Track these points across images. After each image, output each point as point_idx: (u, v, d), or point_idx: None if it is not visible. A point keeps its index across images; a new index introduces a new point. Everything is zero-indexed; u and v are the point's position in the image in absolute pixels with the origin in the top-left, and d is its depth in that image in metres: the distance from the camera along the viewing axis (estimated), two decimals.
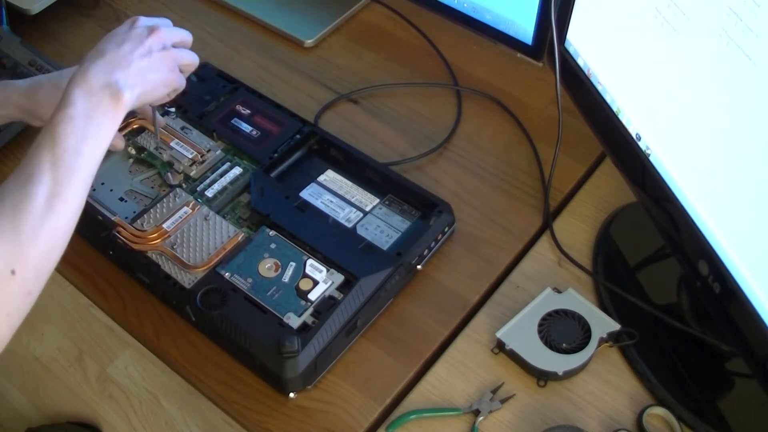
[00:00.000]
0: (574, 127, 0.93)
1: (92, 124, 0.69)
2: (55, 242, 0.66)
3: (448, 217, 0.86)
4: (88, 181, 0.69)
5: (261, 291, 0.79)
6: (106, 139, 0.71)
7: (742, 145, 0.62)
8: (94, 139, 0.69)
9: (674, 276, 0.83)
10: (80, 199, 0.68)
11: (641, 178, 0.78)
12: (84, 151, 0.68)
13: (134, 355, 1.31)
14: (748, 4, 0.58)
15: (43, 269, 0.65)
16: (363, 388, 0.77)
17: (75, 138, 0.67)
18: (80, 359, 1.35)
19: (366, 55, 1.10)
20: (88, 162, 0.69)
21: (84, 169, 0.68)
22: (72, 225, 0.68)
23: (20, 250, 0.63)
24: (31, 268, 0.64)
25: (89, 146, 0.68)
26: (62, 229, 0.66)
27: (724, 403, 0.76)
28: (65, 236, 0.67)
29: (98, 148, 0.70)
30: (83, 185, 0.68)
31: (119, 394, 1.31)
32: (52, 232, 0.65)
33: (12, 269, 0.62)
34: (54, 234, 0.65)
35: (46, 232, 0.64)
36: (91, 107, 0.69)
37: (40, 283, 0.65)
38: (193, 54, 0.83)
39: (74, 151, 0.67)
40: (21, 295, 0.63)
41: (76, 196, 0.67)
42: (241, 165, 0.91)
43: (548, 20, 0.88)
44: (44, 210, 0.64)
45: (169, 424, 1.26)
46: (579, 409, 0.75)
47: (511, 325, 0.79)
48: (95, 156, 0.69)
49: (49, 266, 0.66)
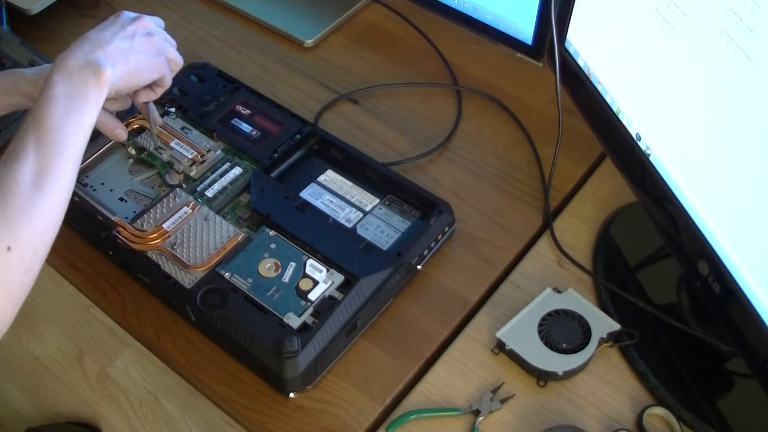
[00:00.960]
0: (574, 127, 0.93)
1: (74, 102, 0.69)
2: (48, 219, 0.66)
3: (448, 217, 0.86)
4: (76, 158, 0.69)
5: (261, 291, 0.79)
6: (90, 115, 0.70)
7: (742, 144, 0.62)
8: (77, 116, 0.69)
9: (674, 276, 0.83)
10: (69, 177, 0.68)
11: (641, 178, 0.78)
12: (68, 128, 0.68)
13: (134, 355, 1.31)
14: (748, 4, 0.58)
15: (40, 247, 0.65)
16: (363, 388, 0.77)
17: (58, 117, 0.68)
18: (80, 359, 1.35)
19: (366, 55, 1.10)
20: (74, 139, 0.68)
21: (70, 147, 0.68)
22: (63, 203, 0.67)
23: (13, 228, 0.63)
24: (27, 245, 0.64)
25: (73, 124, 0.68)
26: (54, 206, 0.66)
27: (724, 403, 0.76)
28: (58, 214, 0.67)
29: (83, 125, 0.69)
30: (71, 162, 0.68)
31: (119, 394, 1.31)
32: (43, 209, 0.65)
33: (8, 246, 0.62)
34: (46, 211, 0.65)
35: (38, 209, 0.64)
36: (71, 87, 0.69)
37: (38, 260, 0.65)
38: (179, 55, 0.82)
39: (58, 129, 0.67)
40: (20, 272, 0.63)
41: (64, 173, 0.67)
42: (241, 165, 0.91)
43: (548, 20, 0.87)
44: (32, 188, 0.64)
45: (169, 424, 1.26)
46: (579, 409, 0.75)
47: (511, 325, 0.79)
48: (80, 134, 0.69)
49: (45, 244, 0.66)
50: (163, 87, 0.82)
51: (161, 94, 0.83)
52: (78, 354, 1.35)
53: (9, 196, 0.63)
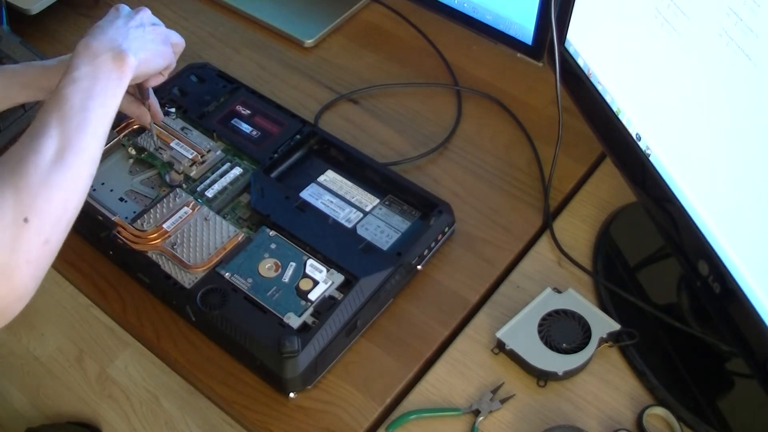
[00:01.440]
0: (574, 127, 0.93)
1: (98, 84, 0.69)
2: (70, 193, 0.65)
3: (448, 217, 0.86)
4: (100, 137, 0.69)
5: (261, 291, 0.79)
6: (113, 98, 0.71)
7: (742, 144, 0.62)
8: (101, 98, 0.69)
9: (674, 276, 0.83)
10: (93, 154, 0.68)
11: (641, 178, 0.78)
12: (91, 107, 0.68)
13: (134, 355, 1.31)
14: (748, 4, 0.58)
15: (60, 221, 0.65)
16: (363, 388, 0.77)
17: (81, 96, 0.68)
18: (80, 359, 1.35)
19: (366, 55, 1.10)
20: (98, 118, 0.68)
21: (93, 124, 0.68)
22: (87, 178, 0.67)
23: (30, 198, 0.63)
24: (45, 216, 0.63)
25: (97, 103, 0.68)
26: (76, 180, 0.66)
27: (724, 403, 0.76)
28: (81, 186, 0.67)
29: (107, 106, 0.70)
30: (95, 140, 0.68)
31: (119, 394, 1.31)
32: (64, 182, 0.65)
33: (24, 217, 0.62)
34: (67, 184, 0.65)
35: (58, 181, 0.64)
36: (95, 69, 0.70)
37: (58, 232, 0.65)
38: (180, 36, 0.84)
39: (81, 107, 0.67)
40: (38, 242, 0.63)
41: (87, 149, 0.67)
42: (241, 165, 0.91)
43: (548, 20, 0.88)
44: (53, 161, 0.64)
45: (169, 424, 1.26)
46: (579, 409, 0.75)
47: (511, 325, 0.79)
48: (104, 114, 0.69)
49: (66, 217, 0.65)
50: (169, 70, 0.84)
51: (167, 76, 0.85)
52: (78, 354, 1.35)
53: (29, 169, 0.63)
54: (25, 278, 0.63)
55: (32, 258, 0.63)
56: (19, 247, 0.62)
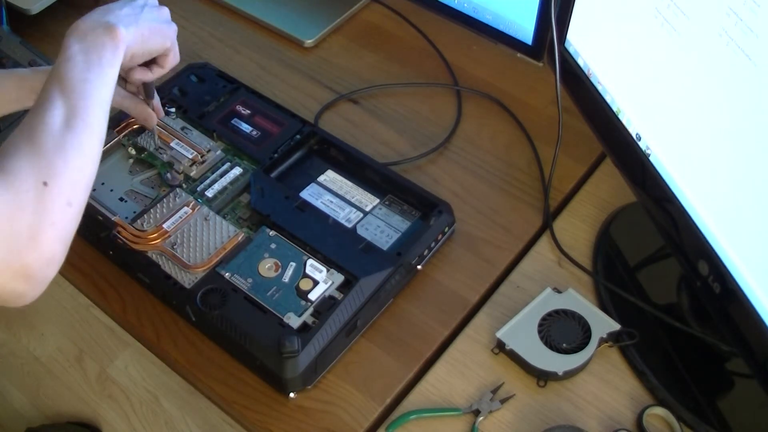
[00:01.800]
0: (574, 127, 0.93)
1: (92, 56, 0.70)
2: (83, 157, 0.66)
3: (448, 217, 0.86)
4: (103, 105, 0.69)
5: (261, 291, 0.79)
6: (110, 68, 0.71)
7: (742, 144, 0.62)
8: (97, 68, 0.70)
9: (674, 276, 0.83)
10: (99, 121, 0.68)
11: (641, 178, 0.78)
12: (90, 78, 0.69)
13: (134, 355, 1.31)
14: (748, 4, 0.58)
15: (79, 183, 0.66)
16: (363, 388, 0.77)
17: (78, 70, 0.68)
18: (80, 359, 1.35)
19: (366, 55, 1.10)
20: (98, 88, 0.69)
21: (95, 94, 0.68)
22: (97, 144, 0.68)
23: (47, 163, 0.63)
24: (64, 178, 0.64)
25: (94, 74, 0.69)
26: (87, 145, 0.67)
27: (724, 403, 0.76)
28: (93, 153, 0.67)
29: (105, 75, 0.70)
30: (98, 107, 0.68)
31: (119, 394, 1.31)
32: (77, 146, 0.65)
33: (44, 181, 0.63)
34: (80, 148, 0.66)
35: (71, 145, 0.65)
36: (87, 45, 0.70)
37: (79, 193, 0.65)
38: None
39: (81, 79, 0.68)
40: (61, 204, 0.63)
41: (93, 117, 0.68)
42: (241, 165, 0.91)
43: (548, 20, 0.88)
44: (63, 128, 0.65)
45: (169, 424, 1.26)
46: (579, 409, 0.75)
47: (511, 325, 0.79)
48: (104, 84, 0.70)
49: (84, 180, 0.66)
50: (171, 62, 0.82)
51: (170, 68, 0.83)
52: (78, 354, 1.35)
53: (41, 137, 0.64)
54: (52, 241, 0.63)
55: (57, 219, 0.63)
56: (43, 210, 0.62)
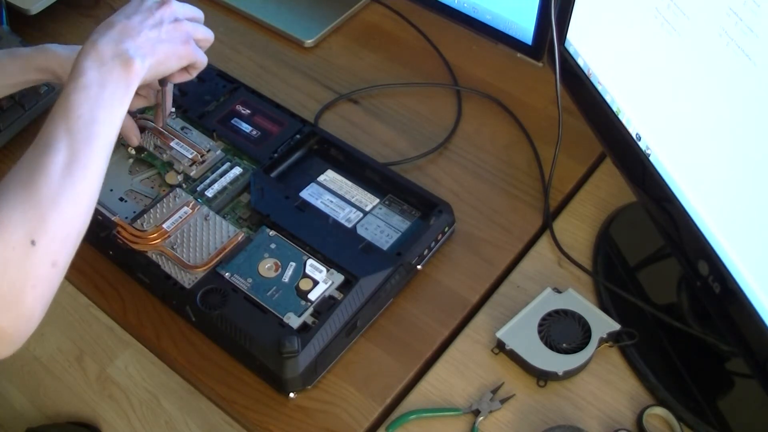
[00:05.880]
0: (574, 127, 0.93)
1: (106, 92, 0.68)
2: (78, 208, 0.64)
3: (448, 217, 0.86)
4: (107, 148, 0.68)
5: (261, 291, 0.79)
6: (120, 107, 0.69)
7: (742, 144, 0.62)
8: (108, 107, 0.68)
9: (674, 276, 0.83)
10: (101, 166, 0.67)
11: (641, 178, 0.78)
12: (99, 118, 0.67)
13: (134, 355, 1.31)
14: (748, 4, 0.58)
15: (68, 239, 0.64)
16: (363, 388, 0.77)
17: (89, 105, 0.66)
18: (80, 359, 1.35)
19: (366, 55, 1.10)
20: (105, 129, 0.67)
21: (101, 136, 0.67)
22: (94, 191, 0.66)
23: (39, 218, 0.61)
24: (54, 236, 0.62)
25: (104, 113, 0.67)
26: (84, 195, 0.65)
27: (724, 403, 0.76)
28: (89, 202, 0.66)
29: (114, 115, 0.69)
30: (102, 152, 0.67)
31: (119, 394, 1.31)
32: (73, 197, 0.64)
33: (32, 239, 0.61)
34: (76, 200, 0.64)
35: (67, 197, 0.63)
36: (102, 75, 0.68)
37: (66, 252, 0.64)
38: (208, 29, 0.80)
39: (89, 118, 0.66)
40: (45, 265, 0.62)
41: (95, 162, 0.66)
42: (241, 165, 0.91)
43: (548, 20, 0.88)
44: (62, 176, 0.63)
45: (169, 424, 1.26)
46: (579, 409, 0.75)
47: (511, 325, 0.79)
48: (112, 124, 0.68)
49: (74, 234, 0.64)
50: (198, 68, 0.81)
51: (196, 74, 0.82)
52: (78, 354, 1.35)
53: (38, 183, 0.62)
54: (32, 302, 0.62)
55: (39, 281, 0.62)
56: (26, 271, 0.61)
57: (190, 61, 0.78)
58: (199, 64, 0.80)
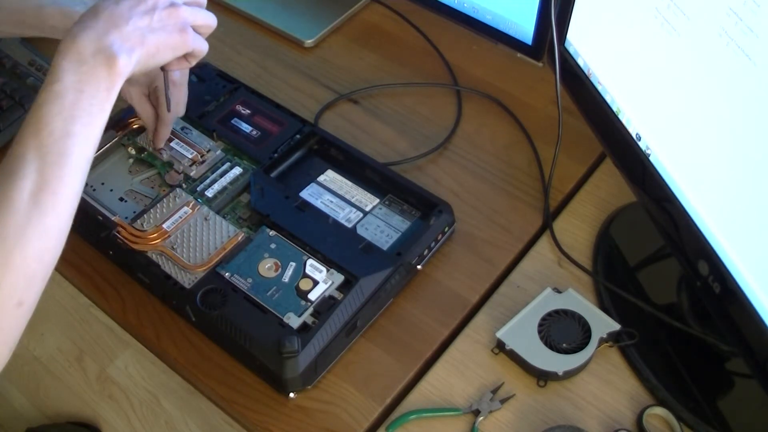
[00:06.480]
0: (574, 127, 0.93)
1: (83, 99, 0.61)
2: (47, 242, 0.58)
3: (448, 217, 0.86)
4: (82, 166, 0.61)
5: (261, 291, 0.79)
6: (100, 114, 0.62)
7: (742, 144, 0.62)
8: (86, 117, 0.61)
9: (674, 276, 0.83)
10: (73, 190, 0.60)
11: (641, 178, 0.78)
12: (75, 132, 0.60)
13: (134, 355, 1.31)
14: (748, 4, 0.58)
15: (36, 276, 0.58)
16: (363, 388, 0.77)
17: (62, 118, 0.59)
18: (80, 359, 1.35)
19: (366, 55, 1.10)
20: (81, 144, 0.60)
21: (76, 153, 0.60)
22: (66, 220, 0.60)
23: (3, 255, 0.56)
24: (20, 275, 0.56)
25: (80, 125, 0.60)
26: (54, 227, 0.58)
27: (724, 403, 0.76)
28: (59, 235, 0.59)
29: (93, 126, 0.62)
30: (77, 172, 0.60)
31: (119, 394, 1.31)
32: (41, 231, 0.57)
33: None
34: (44, 233, 0.58)
35: (34, 233, 0.57)
36: (81, 79, 0.61)
37: (33, 291, 0.58)
38: (209, 13, 0.73)
39: (63, 133, 0.59)
40: (10, 306, 0.57)
41: (68, 186, 0.59)
42: (241, 165, 0.91)
43: (548, 20, 0.88)
44: (29, 207, 0.57)
45: (169, 424, 1.26)
46: (579, 409, 0.75)
47: (511, 325, 0.79)
48: (90, 136, 0.61)
49: (42, 271, 0.59)
50: (197, 57, 0.74)
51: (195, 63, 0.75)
52: (78, 354, 1.35)
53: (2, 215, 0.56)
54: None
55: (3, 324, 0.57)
56: None
57: (186, 51, 0.71)
58: (197, 53, 0.73)
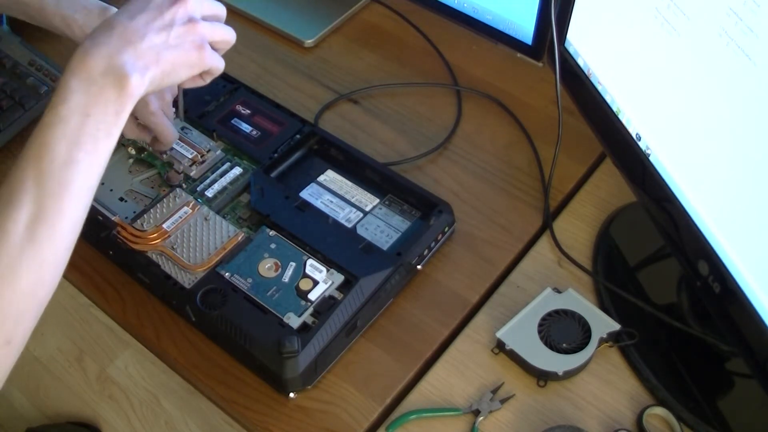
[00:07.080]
0: (574, 127, 0.93)
1: (89, 124, 0.57)
2: (40, 278, 0.55)
3: (448, 217, 0.86)
4: (85, 195, 0.58)
5: (261, 291, 0.79)
6: (107, 139, 0.59)
7: (742, 144, 0.62)
8: (91, 143, 0.57)
9: (674, 276, 0.83)
10: (73, 222, 0.57)
11: (641, 178, 0.78)
12: (78, 159, 0.56)
13: (134, 355, 1.31)
14: (748, 4, 0.58)
15: (27, 312, 0.55)
16: (363, 388, 0.77)
17: (66, 143, 0.56)
18: (80, 359, 1.35)
19: (366, 55, 1.10)
20: (84, 172, 0.57)
21: (78, 182, 0.56)
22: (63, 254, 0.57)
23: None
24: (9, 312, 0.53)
25: (85, 152, 0.57)
26: (49, 262, 0.55)
27: (724, 403, 0.76)
28: (54, 270, 0.56)
29: (98, 153, 0.58)
30: (78, 203, 0.57)
31: (119, 394, 1.31)
32: (34, 266, 0.54)
33: None
34: (37, 268, 0.54)
35: (27, 267, 0.54)
36: (89, 101, 0.57)
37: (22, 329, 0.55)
38: (228, 28, 0.70)
39: (65, 160, 0.56)
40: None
41: (67, 218, 0.56)
42: (241, 165, 0.91)
43: (548, 20, 0.88)
44: (24, 240, 0.53)
45: (169, 424, 1.26)
46: (579, 409, 0.75)
47: (511, 325, 0.79)
48: (95, 163, 0.58)
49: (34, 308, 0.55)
50: (213, 75, 0.71)
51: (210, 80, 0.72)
52: (78, 354, 1.35)
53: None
54: None
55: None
56: None
57: (202, 69, 0.68)
58: (214, 71, 0.70)
